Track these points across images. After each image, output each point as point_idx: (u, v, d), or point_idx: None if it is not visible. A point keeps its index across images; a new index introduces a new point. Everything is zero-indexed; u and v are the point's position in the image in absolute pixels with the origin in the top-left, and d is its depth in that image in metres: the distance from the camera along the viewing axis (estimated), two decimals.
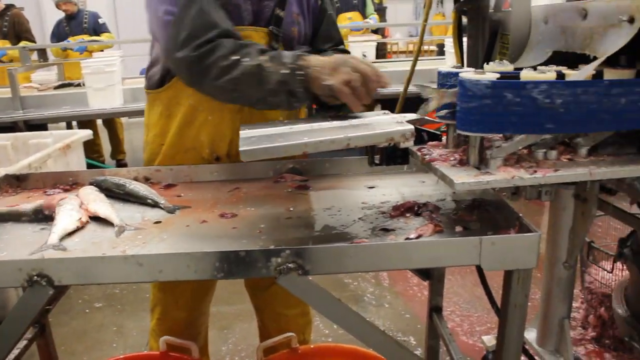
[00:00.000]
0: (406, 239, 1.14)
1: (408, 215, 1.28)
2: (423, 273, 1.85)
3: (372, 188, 1.49)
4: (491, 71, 1.14)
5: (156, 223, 1.30)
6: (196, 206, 1.40)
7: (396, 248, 1.09)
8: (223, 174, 1.60)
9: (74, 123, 5.83)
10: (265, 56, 1.37)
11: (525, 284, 1.11)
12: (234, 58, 1.37)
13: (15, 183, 1.58)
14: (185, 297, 1.79)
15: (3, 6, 6.25)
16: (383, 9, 10.23)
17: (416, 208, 1.30)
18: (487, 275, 1.38)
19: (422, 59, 5.92)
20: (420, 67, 2.87)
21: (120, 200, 1.45)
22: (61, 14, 6.15)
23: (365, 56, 6.19)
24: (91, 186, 1.48)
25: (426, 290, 1.99)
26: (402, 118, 1.33)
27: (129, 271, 1.05)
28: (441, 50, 7.53)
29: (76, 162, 3.30)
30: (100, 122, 5.84)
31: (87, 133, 3.47)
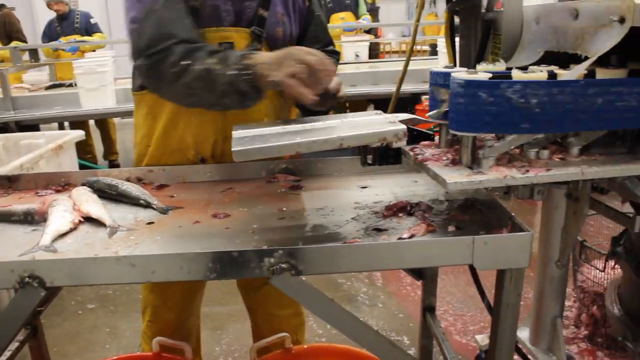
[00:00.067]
0: (399, 239, 1.14)
1: (401, 215, 1.29)
2: (416, 273, 1.85)
3: (365, 188, 1.49)
4: (483, 71, 1.14)
5: (149, 224, 1.30)
6: (189, 207, 1.40)
7: (389, 248, 1.09)
8: (216, 174, 1.59)
9: (66, 124, 5.81)
10: (213, 58, 1.37)
11: (517, 283, 1.11)
12: (184, 63, 1.38)
13: (6, 184, 1.56)
14: (175, 299, 1.79)
15: None
16: (376, 9, 10.25)
17: (409, 208, 1.30)
18: (480, 274, 1.39)
19: (415, 59, 5.94)
20: (412, 67, 2.88)
21: (112, 201, 1.44)
22: (52, 14, 6.12)
23: (358, 56, 6.23)
24: (84, 187, 1.48)
25: (419, 289, 1.99)
26: (395, 118, 1.33)
27: (122, 272, 1.04)
28: (434, 50, 7.55)
29: (68, 163, 3.28)
30: (92, 123, 5.82)
31: (80, 134, 3.46)
